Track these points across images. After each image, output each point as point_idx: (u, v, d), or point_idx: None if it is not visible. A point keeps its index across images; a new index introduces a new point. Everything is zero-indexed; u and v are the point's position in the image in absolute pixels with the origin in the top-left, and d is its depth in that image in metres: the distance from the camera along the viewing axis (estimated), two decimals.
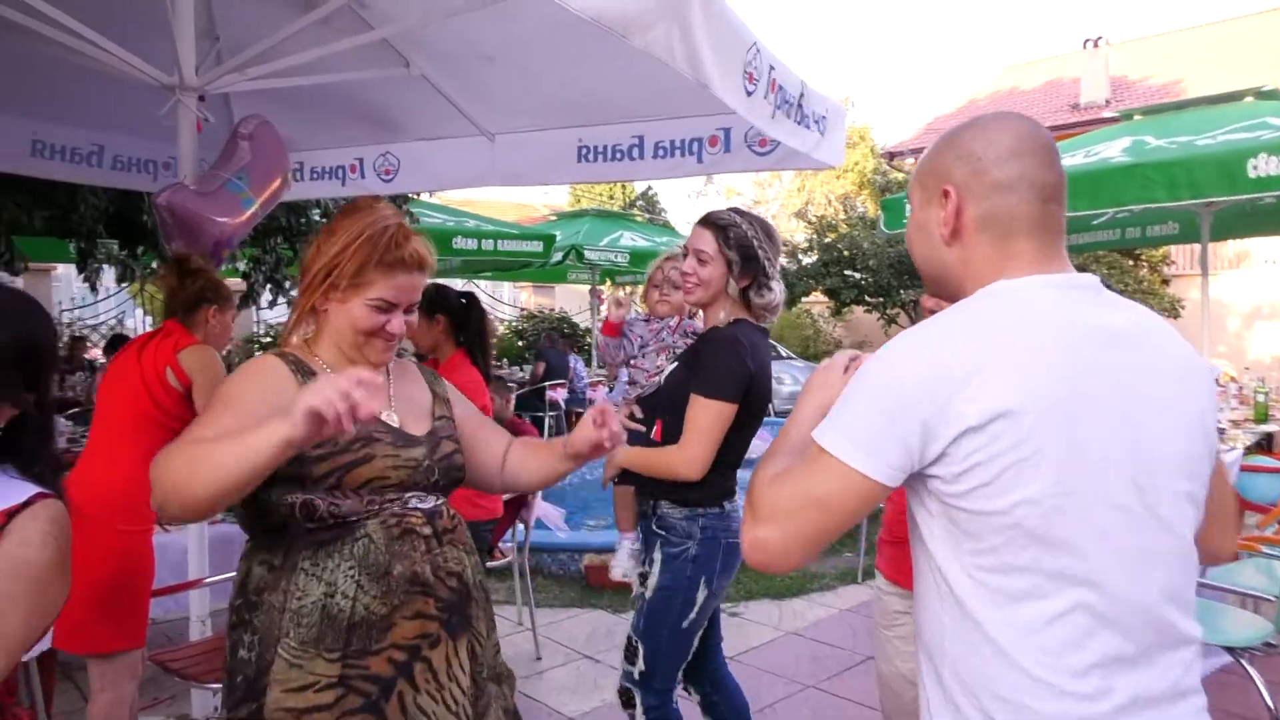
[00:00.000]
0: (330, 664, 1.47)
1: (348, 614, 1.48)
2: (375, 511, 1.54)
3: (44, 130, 4.20)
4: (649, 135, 4.04)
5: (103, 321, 13.16)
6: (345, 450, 1.51)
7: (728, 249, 2.32)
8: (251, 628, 1.52)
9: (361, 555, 1.51)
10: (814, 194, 22.94)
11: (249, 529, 1.60)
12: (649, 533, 2.38)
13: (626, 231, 11.36)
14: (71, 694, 3.45)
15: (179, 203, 2.92)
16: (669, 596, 2.29)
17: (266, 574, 1.53)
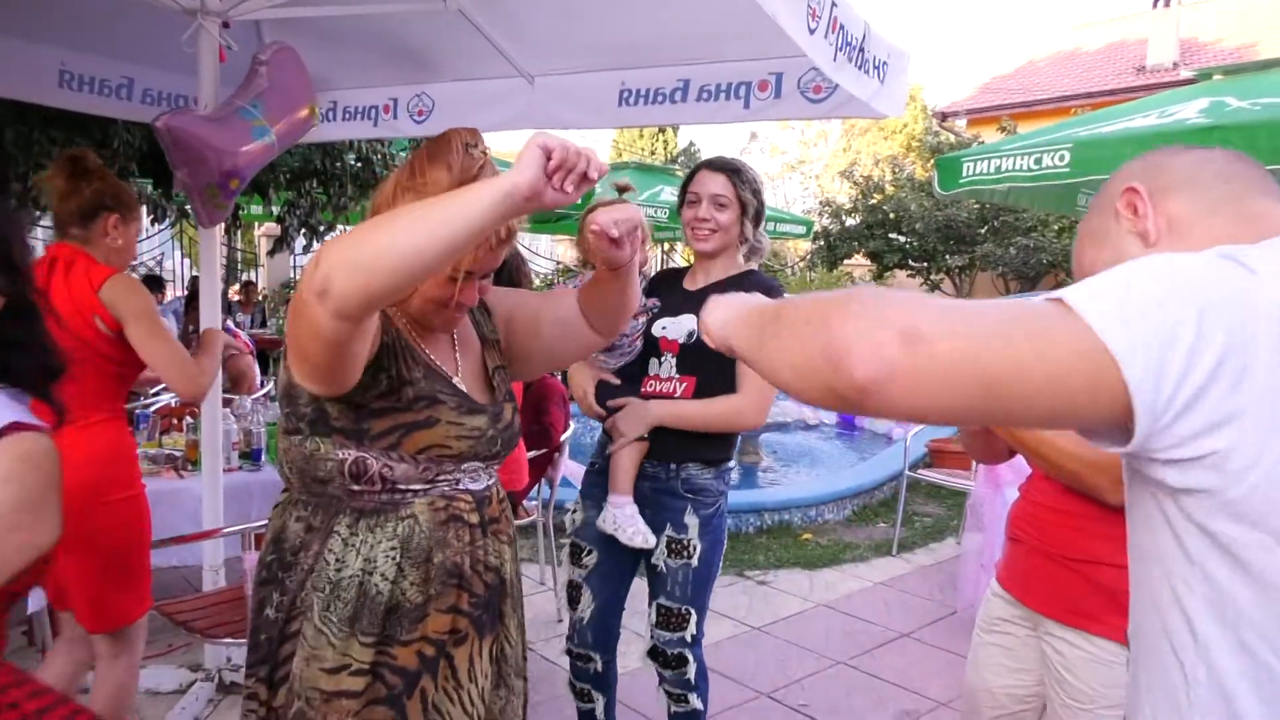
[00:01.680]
0: (364, 648, 1.38)
1: (386, 597, 1.39)
2: (428, 486, 1.44)
3: (72, 60, 4.07)
4: (694, 79, 3.82)
5: (141, 262, 13.24)
6: (409, 408, 1.40)
7: (744, 192, 2.26)
8: (282, 587, 1.43)
9: (405, 536, 1.41)
10: (861, 154, 22.37)
11: (289, 478, 1.48)
12: (670, 496, 2.27)
13: (667, 186, 11.11)
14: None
15: (179, 126, 2.74)
16: (711, 559, 2.29)
17: (304, 533, 1.43)
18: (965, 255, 13.27)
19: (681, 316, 2.29)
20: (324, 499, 1.42)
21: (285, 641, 1.42)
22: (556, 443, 3.74)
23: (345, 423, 1.38)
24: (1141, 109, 5.02)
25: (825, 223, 15.42)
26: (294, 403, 1.40)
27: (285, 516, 1.47)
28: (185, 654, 3.22)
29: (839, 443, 8.31)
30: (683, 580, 2.26)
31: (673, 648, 2.29)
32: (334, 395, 1.35)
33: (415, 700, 1.40)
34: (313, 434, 1.39)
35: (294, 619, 1.41)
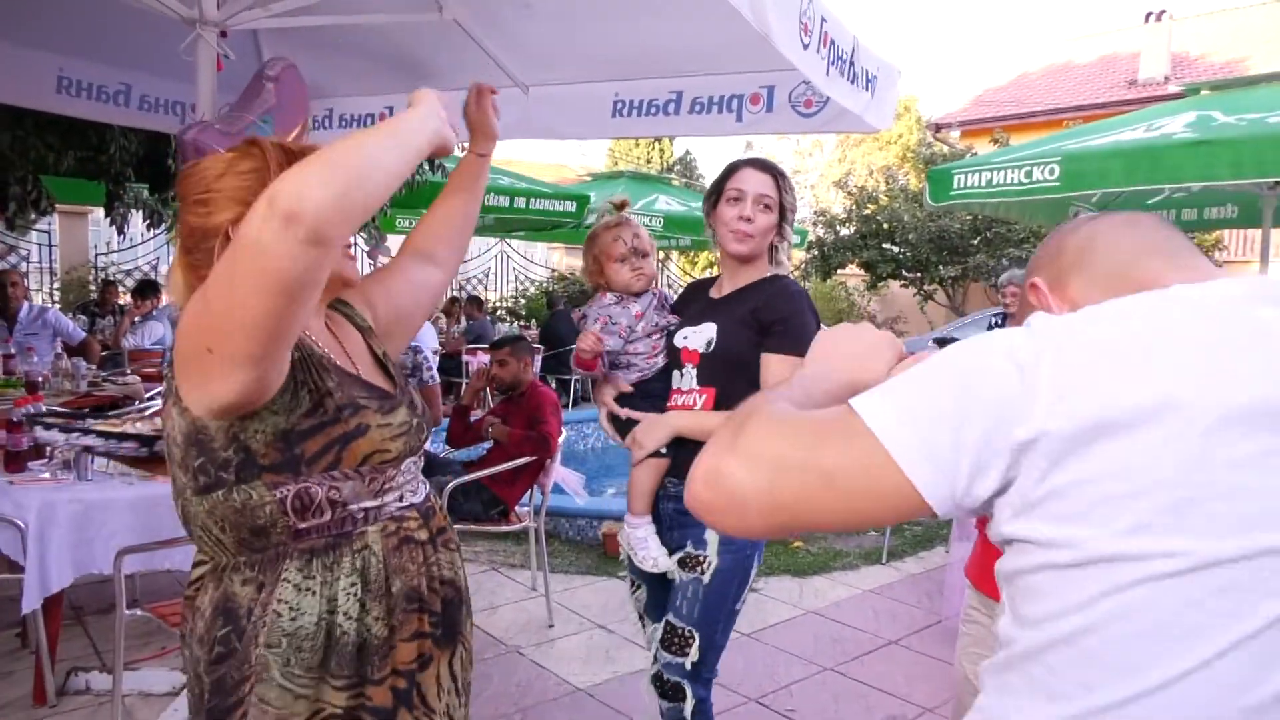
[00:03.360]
0: (338, 692, 1.28)
1: (353, 636, 1.30)
2: (376, 504, 1.35)
3: (71, 66, 4.11)
4: (687, 91, 3.87)
5: (137, 267, 13.23)
6: (336, 420, 1.29)
7: (785, 196, 2.17)
8: (237, 655, 1.27)
9: (362, 569, 1.32)
10: (855, 165, 22.48)
11: (216, 541, 1.29)
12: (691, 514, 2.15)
13: (662, 195, 11.17)
14: (80, 640, 3.43)
15: (205, 142, 2.79)
16: (728, 580, 2.10)
17: (255, 593, 1.28)
18: (958, 266, 13.35)
19: (702, 325, 2.17)
20: (267, 551, 1.29)
21: (234, 710, 1.27)
22: (554, 450, 3.77)
23: (275, 457, 1.25)
24: (1129, 122, 5.08)
25: (820, 233, 15.49)
26: (207, 450, 1.23)
27: (225, 584, 1.30)
28: (176, 657, 3.23)
29: None
30: (691, 596, 2.10)
31: (671, 674, 2.12)
32: (256, 403, 1.20)
33: None
34: (239, 482, 1.24)
35: (242, 683, 1.27)
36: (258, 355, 1.11)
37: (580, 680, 3.30)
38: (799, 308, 2.09)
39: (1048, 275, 1.05)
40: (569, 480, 4.05)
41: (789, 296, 2.11)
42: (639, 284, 2.27)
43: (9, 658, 3.29)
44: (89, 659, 3.25)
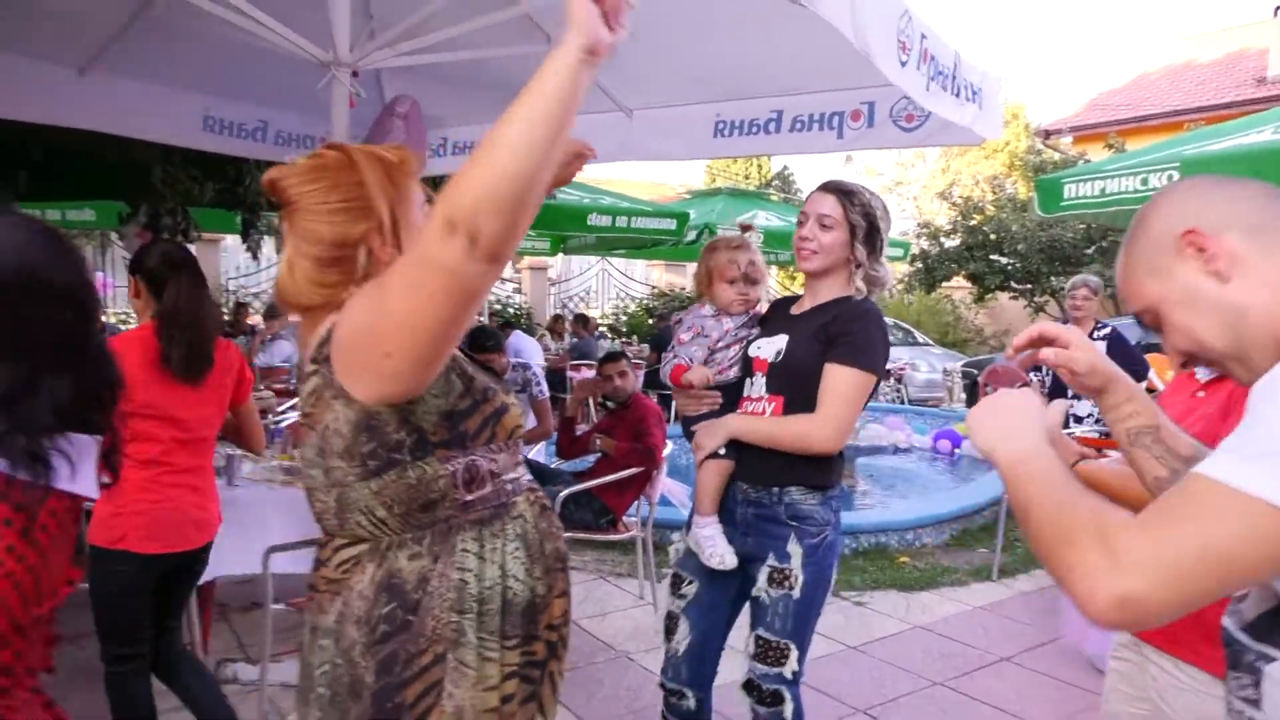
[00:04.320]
0: (512, 651, 1.38)
1: (524, 598, 1.40)
2: (516, 475, 1.46)
3: (215, 106, 4.48)
4: (787, 110, 3.94)
5: (263, 289, 14.07)
6: (485, 400, 1.41)
7: (852, 213, 2.18)
8: (412, 629, 1.32)
9: (521, 535, 1.42)
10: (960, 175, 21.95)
11: (380, 522, 1.35)
12: (770, 523, 2.17)
13: (761, 210, 11.21)
14: (226, 635, 3.71)
15: None
16: (815, 590, 2.15)
17: (428, 565, 1.34)
18: (1070, 275, 12.88)
19: (776, 336, 2.23)
20: (436, 525, 1.35)
21: (412, 682, 1.31)
22: (659, 461, 3.87)
23: (444, 434, 1.34)
24: (1256, 124, 4.87)
25: (923, 245, 15.20)
26: (379, 434, 1.31)
27: (388, 561, 1.34)
28: None
29: (936, 466, 8.18)
30: (783, 612, 2.13)
31: (769, 683, 2.15)
32: (420, 392, 1.29)
33: (547, 685, 1.45)
34: (414, 460, 1.32)
35: (423, 653, 1.32)
36: (432, 357, 1.22)
37: None
38: (866, 324, 2.15)
39: (1205, 224, 1.05)
40: (674, 492, 4.14)
41: (858, 314, 2.16)
42: (739, 308, 2.35)
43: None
44: (234, 652, 3.52)
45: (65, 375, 1.11)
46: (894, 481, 7.50)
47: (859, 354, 2.11)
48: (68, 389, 1.11)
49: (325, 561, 1.41)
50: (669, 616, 2.34)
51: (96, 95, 4.03)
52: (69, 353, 1.13)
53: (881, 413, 9.65)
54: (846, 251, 2.19)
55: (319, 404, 1.32)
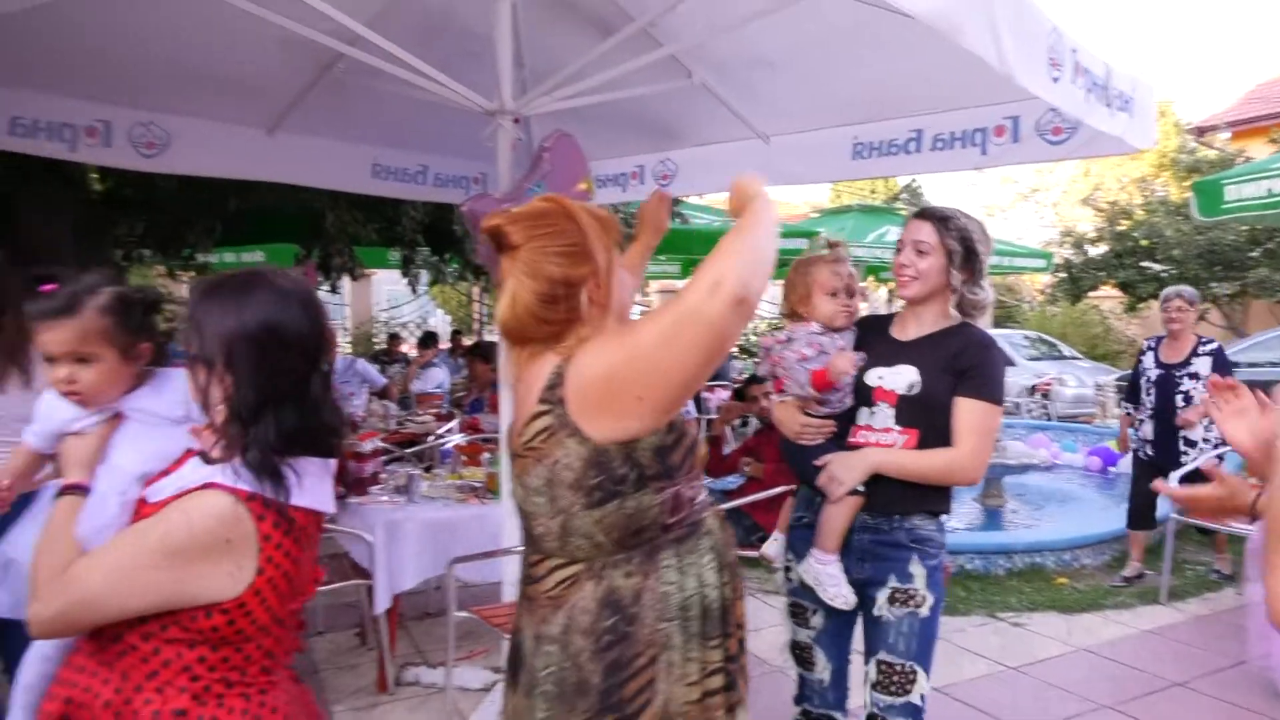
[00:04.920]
0: (714, 650, 1.55)
1: (718, 603, 1.56)
2: (702, 499, 1.62)
3: (382, 155, 4.87)
4: (927, 129, 3.96)
5: (410, 320, 14.90)
6: (684, 434, 1.56)
7: (949, 239, 2.17)
8: (631, 638, 1.49)
9: (712, 548, 1.59)
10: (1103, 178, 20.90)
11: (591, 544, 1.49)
12: (891, 547, 2.16)
13: (892, 227, 11.05)
14: (404, 641, 4.00)
15: (480, 209, 3.27)
16: (936, 610, 2.16)
17: (639, 582, 1.51)
18: (1235, 282, 12.08)
19: (899, 367, 2.20)
20: (642, 547, 1.52)
21: (629, 680, 1.49)
22: None
23: (656, 468, 1.49)
24: None
25: (1066, 254, 14.56)
26: (606, 470, 1.45)
27: (606, 580, 1.50)
28: (488, 657, 3.70)
29: (1090, 485, 7.83)
30: (908, 631, 2.11)
31: (896, 715, 2.11)
32: (647, 435, 1.45)
33: (740, 677, 1.61)
34: (634, 492, 1.47)
35: (638, 656, 1.49)
36: (678, 401, 1.45)
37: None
38: (992, 357, 2.20)
39: None
40: None
41: (983, 346, 2.19)
42: (841, 320, 2.31)
43: (351, 653, 3.91)
44: (413, 657, 3.80)
45: (292, 407, 1.31)
46: (1043, 500, 7.24)
47: (991, 388, 2.16)
48: (293, 418, 1.30)
49: (540, 578, 1.56)
50: (799, 646, 2.35)
51: (282, 152, 4.47)
52: (295, 389, 1.32)
53: (1024, 430, 9.31)
54: (944, 277, 2.19)
55: (549, 440, 1.47)
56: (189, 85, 3.83)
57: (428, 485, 3.66)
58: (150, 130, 3.95)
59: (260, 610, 1.27)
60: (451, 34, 3.70)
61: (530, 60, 4.12)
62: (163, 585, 1.22)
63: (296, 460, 1.30)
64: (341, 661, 3.79)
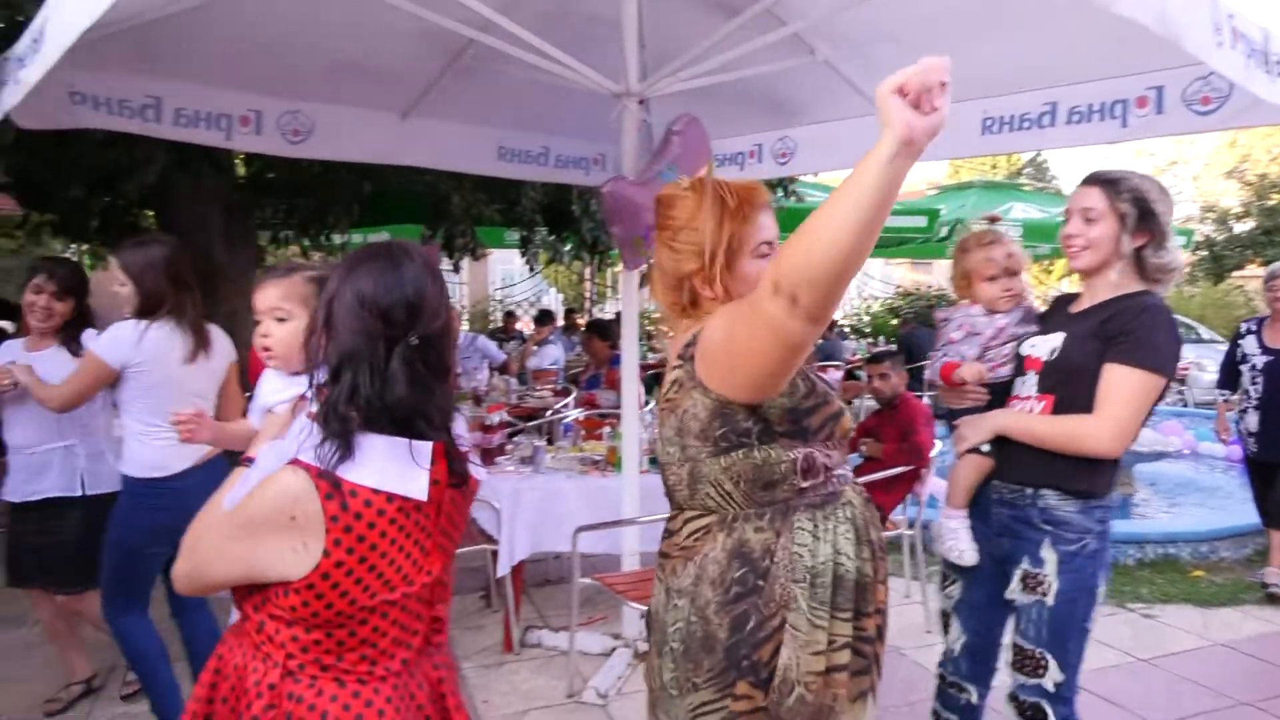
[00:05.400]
0: (844, 623, 1.53)
1: (854, 576, 1.55)
2: (844, 471, 1.63)
3: (507, 137, 5.02)
4: (1062, 101, 3.80)
5: (524, 298, 15.28)
6: (827, 403, 1.59)
7: (1119, 203, 2.05)
8: (764, 593, 1.52)
9: (851, 519, 1.58)
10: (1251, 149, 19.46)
11: (725, 495, 1.56)
12: (1024, 525, 2.11)
13: (1017, 203, 10.66)
14: (527, 607, 4.17)
15: (619, 192, 3.37)
16: (1074, 599, 2.06)
17: (771, 538, 1.54)
18: None
19: (1051, 335, 2.16)
20: (775, 504, 1.55)
21: (765, 642, 1.50)
22: (927, 460, 3.89)
23: (787, 426, 1.54)
24: None
25: (1207, 230, 13.69)
26: (730, 421, 1.52)
27: (737, 532, 1.54)
28: (606, 624, 3.83)
29: (1230, 475, 7.39)
30: (1036, 619, 2.07)
31: (1028, 695, 2.09)
32: (760, 402, 1.50)
33: (875, 666, 1.61)
34: (760, 444, 1.52)
35: (773, 616, 1.50)
36: (767, 386, 1.47)
37: None
38: (1149, 323, 2.02)
39: None
40: (942, 493, 4.13)
41: (1141, 310, 2.04)
42: (1006, 304, 2.28)
43: (477, 615, 4.11)
44: (535, 621, 3.96)
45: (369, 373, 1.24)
46: (1178, 490, 6.90)
47: (1141, 353, 1.99)
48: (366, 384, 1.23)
49: (675, 532, 1.65)
50: (943, 613, 2.37)
51: (414, 136, 4.67)
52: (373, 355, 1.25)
53: (1157, 417, 8.86)
54: (1116, 244, 2.08)
55: (680, 391, 1.57)
56: (331, 74, 4.05)
57: (551, 457, 3.79)
58: (296, 118, 4.19)
59: (334, 595, 1.21)
60: (576, 18, 3.79)
61: (651, 42, 4.16)
62: (239, 556, 1.23)
63: (371, 435, 1.24)
64: (469, 622, 4.00)
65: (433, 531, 1.30)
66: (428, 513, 1.28)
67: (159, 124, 3.81)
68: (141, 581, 2.72)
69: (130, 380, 2.61)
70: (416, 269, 1.31)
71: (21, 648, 3.82)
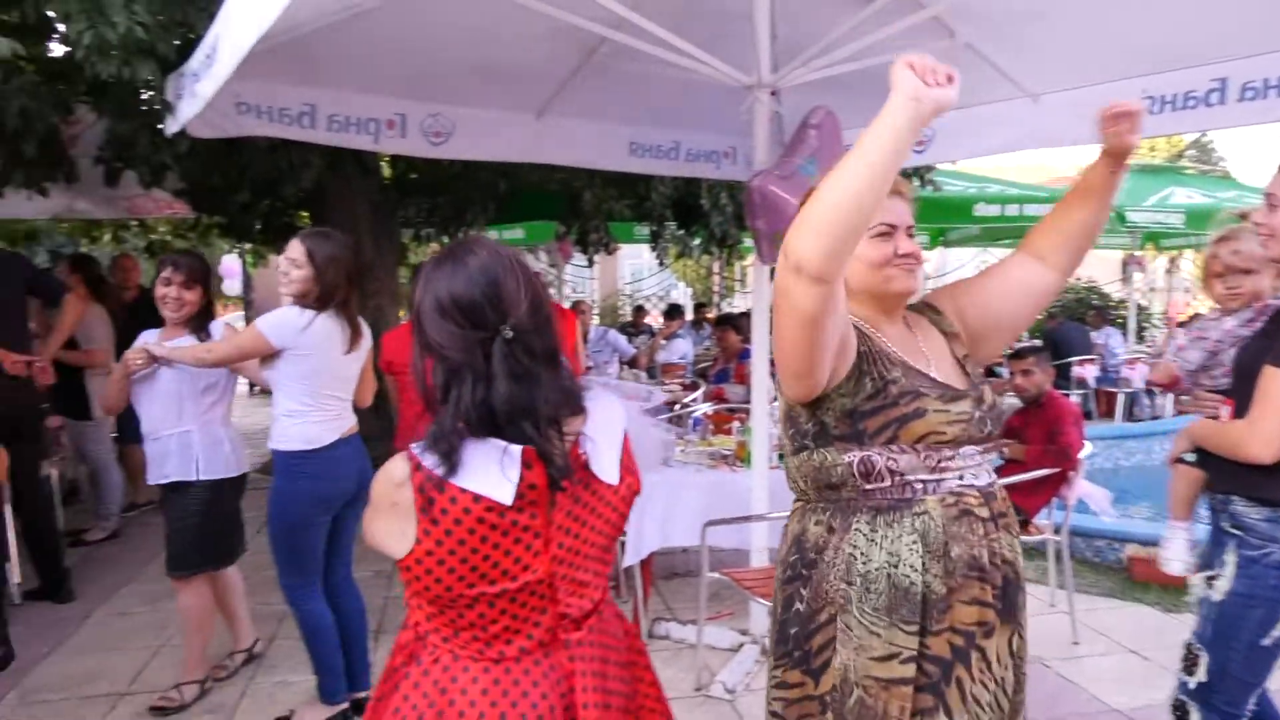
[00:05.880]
0: (908, 636, 1.48)
1: (919, 588, 1.48)
2: (934, 478, 1.53)
3: (638, 133, 5.07)
4: (1233, 77, 3.52)
5: (652, 292, 15.40)
6: (895, 404, 1.53)
7: None
8: (809, 583, 1.56)
9: (922, 531, 1.50)
10: None
11: (803, 489, 1.64)
12: (1220, 531, 2.10)
13: (1178, 188, 9.92)
14: (654, 599, 4.21)
15: (766, 187, 3.35)
16: (1245, 605, 2.00)
17: (825, 534, 1.56)
18: None
19: None
20: (839, 502, 1.56)
21: (815, 633, 1.54)
22: (1075, 462, 3.68)
23: (843, 430, 1.53)
24: None
25: None
26: (795, 424, 1.59)
27: (804, 520, 1.61)
28: (733, 620, 3.83)
29: None
30: (1204, 615, 2.08)
31: (1178, 691, 2.12)
32: (813, 397, 1.51)
33: (954, 689, 1.49)
34: (817, 447, 1.56)
35: (820, 610, 1.53)
36: (800, 371, 1.47)
37: (1116, 702, 3.18)
38: None
39: None
40: (1095, 497, 3.90)
41: None
42: (1232, 303, 2.22)
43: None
44: (663, 613, 4.00)
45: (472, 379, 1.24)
46: None
47: None
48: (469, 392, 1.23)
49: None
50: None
51: (548, 135, 4.78)
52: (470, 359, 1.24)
53: None
54: None
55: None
56: (470, 77, 4.20)
57: (679, 451, 3.81)
58: (438, 120, 4.37)
59: (429, 580, 1.25)
60: (707, 12, 3.78)
61: (782, 32, 4.10)
62: (369, 530, 1.30)
63: (477, 441, 1.23)
64: None
65: (541, 532, 1.28)
66: (533, 514, 1.26)
67: (314, 130, 4.05)
68: (309, 552, 2.88)
69: (288, 363, 2.78)
70: (483, 259, 1.29)
71: None
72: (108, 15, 3.14)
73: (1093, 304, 12.56)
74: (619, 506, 1.37)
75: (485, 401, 1.22)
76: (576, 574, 1.34)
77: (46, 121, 3.85)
